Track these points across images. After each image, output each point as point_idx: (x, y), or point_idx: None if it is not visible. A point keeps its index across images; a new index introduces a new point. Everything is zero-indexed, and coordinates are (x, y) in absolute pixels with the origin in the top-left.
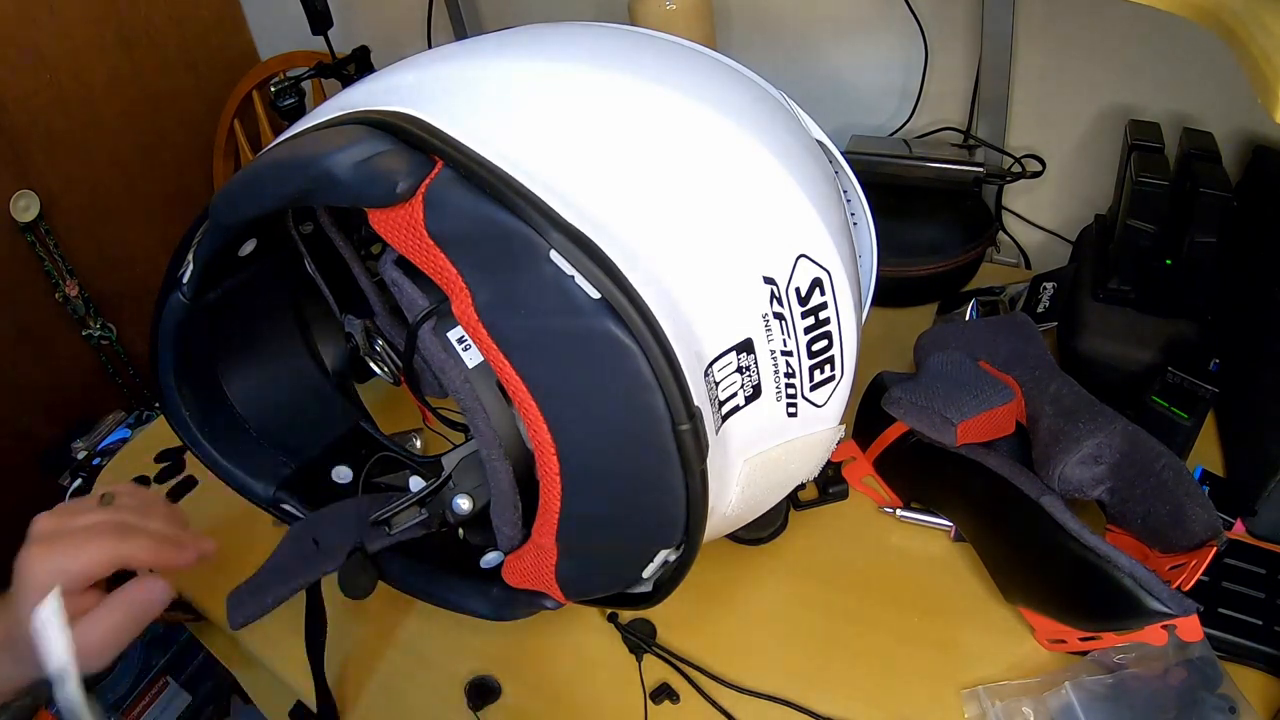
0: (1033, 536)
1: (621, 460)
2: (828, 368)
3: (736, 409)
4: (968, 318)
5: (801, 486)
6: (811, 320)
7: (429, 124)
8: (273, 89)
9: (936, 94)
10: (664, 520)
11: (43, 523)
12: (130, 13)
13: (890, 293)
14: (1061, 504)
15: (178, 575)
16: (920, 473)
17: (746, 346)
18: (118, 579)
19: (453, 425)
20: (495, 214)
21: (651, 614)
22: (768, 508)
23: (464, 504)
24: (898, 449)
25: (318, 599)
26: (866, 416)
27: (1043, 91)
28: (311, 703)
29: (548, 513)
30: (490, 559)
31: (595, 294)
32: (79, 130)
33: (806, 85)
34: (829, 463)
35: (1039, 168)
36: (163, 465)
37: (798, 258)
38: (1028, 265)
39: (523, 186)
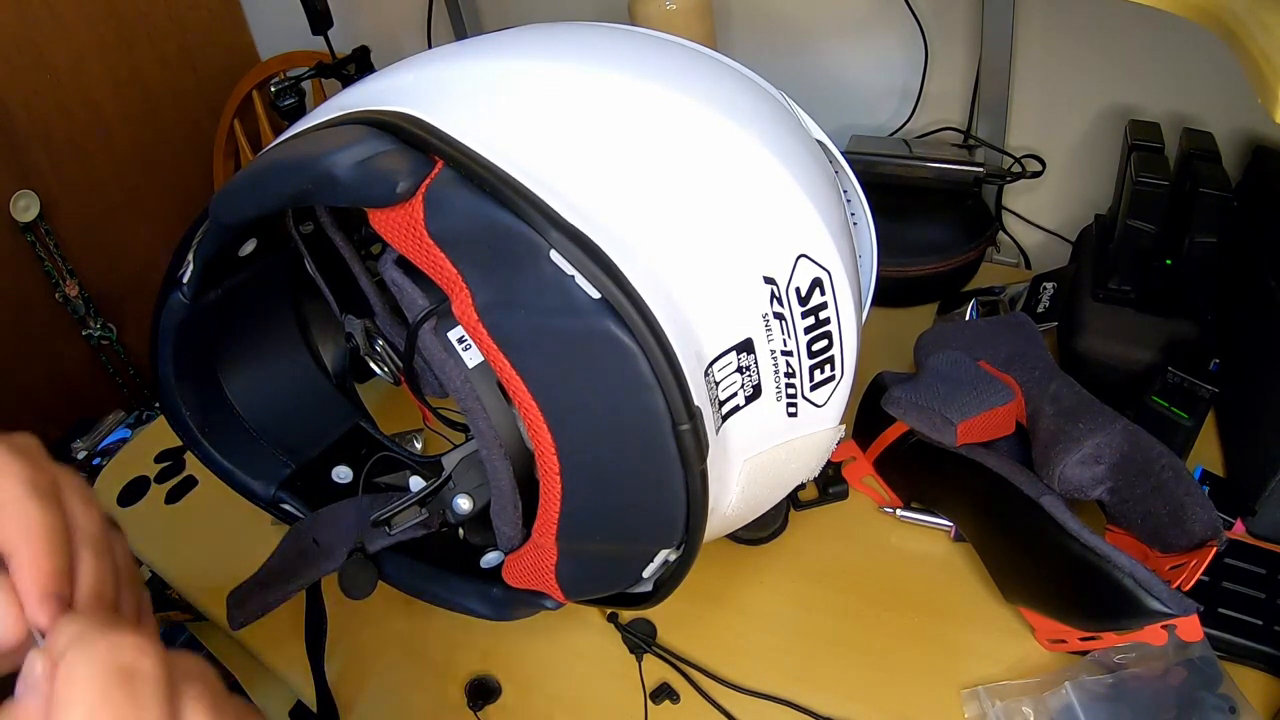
0: (1033, 536)
1: (622, 460)
2: (828, 368)
3: (737, 409)
4: (968, 318)
5: (801, 486)
6: (811, 320)
7: (429, 124)
8: (273, 89)
9: (936, 94)
10: (664, 520)
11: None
12: (130, 13)
13: (890, 293)
14: (1061, 504)
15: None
16: (920, 473)
17: (747, 346)
18: None
19: (453, 425)
20: (495, 214)
21: (651, 614)
22: (768, 508)
23: (464, 504)
24: (898, 449)
25: (318, 599)
26: (866, 416)
27: (1043, 91)
28: (311, 703)
29: (548, 513)
30: (490, 559)
31: (595, 294)
32: (79, 130)
33: (806, 85)
34: (829, 463)
35: (1039, 168)
36: (163, 465)
37: (798, 258)
38: (1028, 265)
39: (523, 186)
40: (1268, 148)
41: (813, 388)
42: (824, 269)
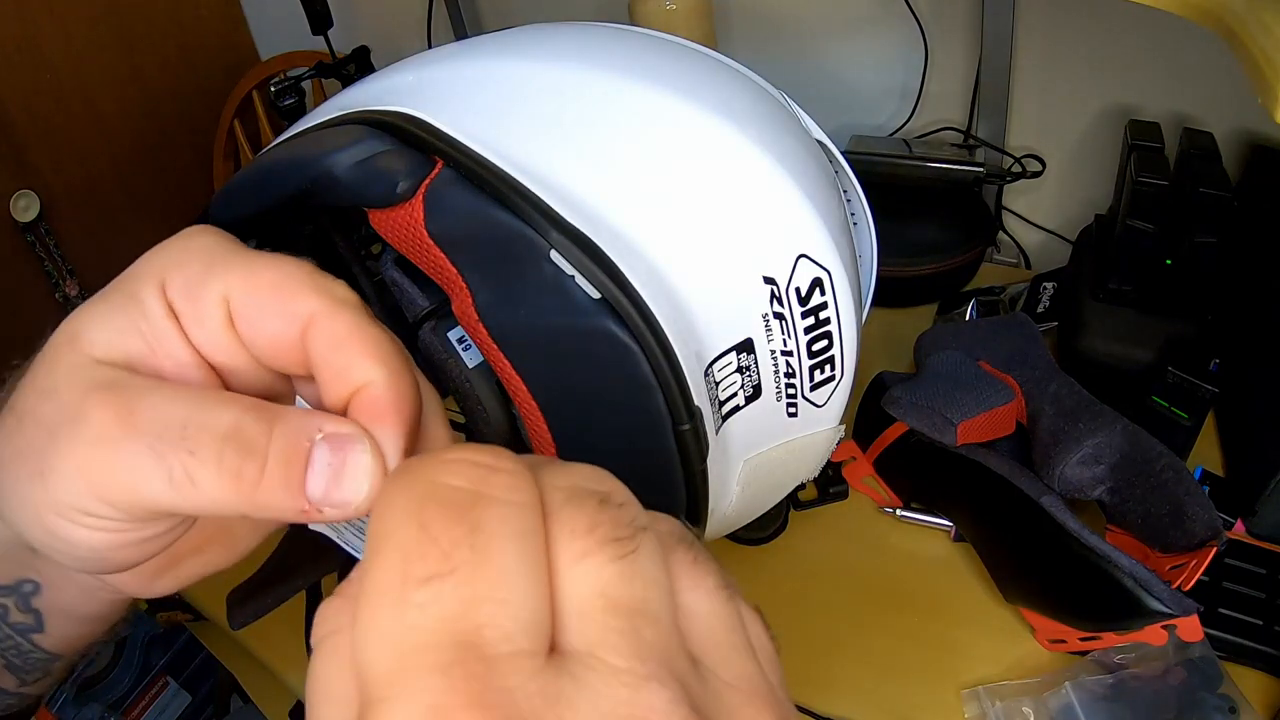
0: (1033, 536)
1: (622, 460)
2: (828, 368)
3: (736, 409)
4: (968, 318)
5: (801, 486)
6: (811, 320)
7: (429, 124)
8: (273, 89)
9: (936, 94)
10: None
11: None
12: (130, 13)
13: (890, 293)
14: (1061, 504)
15: None
16: (920, 473)
17: (747, 346)
18: None
19: (453, 425)
20: (495, 214)
21: None
22: (768, 508)
23: None
24: (898, 449)
25: (318, 599)
26: (866, 416)
27: (1043, 91)
28: None
29: None
30: None
31: (595, 294)
32: (79, 130)
33: (806, 85)
34: (829, 463)
35: (1039, 168)
36: None
37: (798, 258)
38: (1028, 265)
39: (523, 186)
40: (1268, 148)
41: (813, 388)
42: (824, 269)
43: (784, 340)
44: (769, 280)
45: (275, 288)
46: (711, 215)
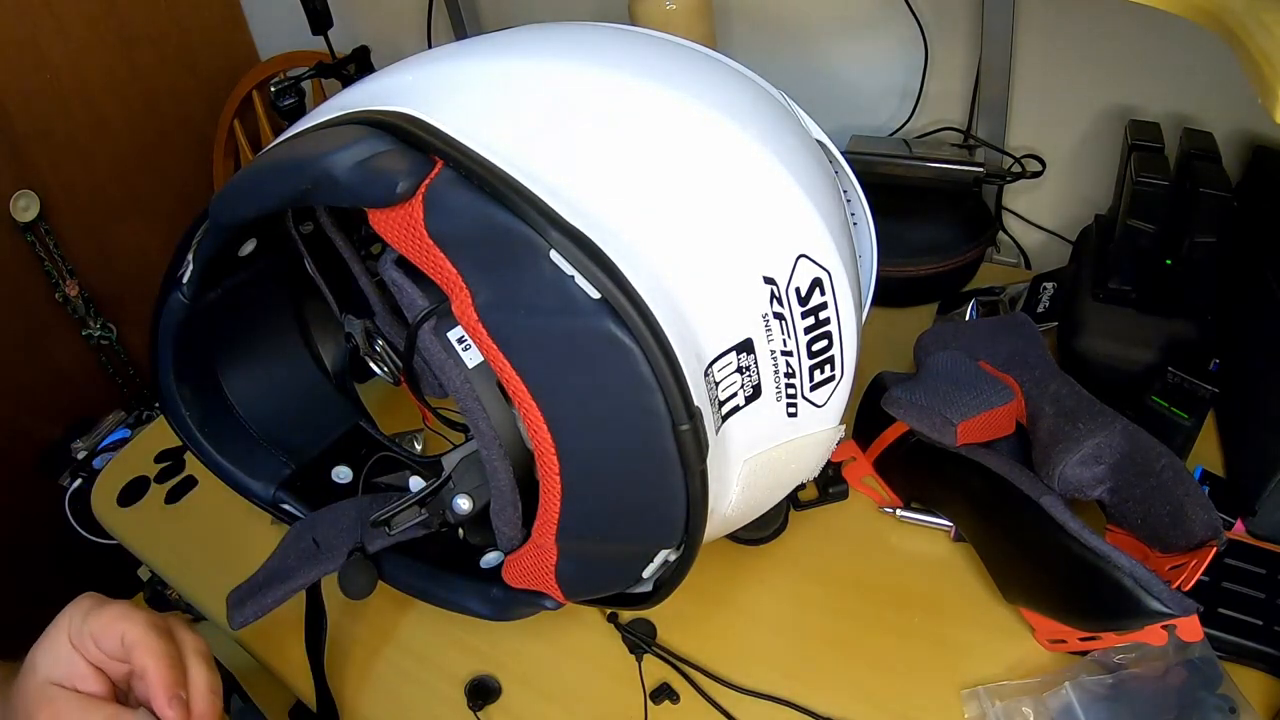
0: (1033, 536)
1: (621, 460)
2: (828, 368)
3: (736, 409)
4: (968, 318)
5: (801, 486)
6: (811, 320)
7: (429, 124)
8: (273, 89)
9: (936, 94)
10: (664, 520)
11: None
12: (130, 13)
13: (890, 293)
14: (1061, 504)
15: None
16: (920, 473)
17: (746, 346)
18: None
19: (453, 425)
20: (495, 214)
21: (651, 614)
22: (768, 508)
23: (464, 504)
24: (898, 449)
25: (318, 599)
26: (866, 416)
27: (1043, 91)
28: (311, 703)
29: (548, 513)
30: (490, 559)
31: (595, 294)
32: (79, 130)
33: (806, 85)
34: (829, 463)
35: (1039, 168)
36: (163, 465)
37: (798, 258)
38: (1028, 265)
39: (523, 186)
40: (1268, 148)
41: (813, 388)
42: (824, 269)
43: (784, 340)
44: (769, 280)
45: (113, 621)
46: (711, 215)
